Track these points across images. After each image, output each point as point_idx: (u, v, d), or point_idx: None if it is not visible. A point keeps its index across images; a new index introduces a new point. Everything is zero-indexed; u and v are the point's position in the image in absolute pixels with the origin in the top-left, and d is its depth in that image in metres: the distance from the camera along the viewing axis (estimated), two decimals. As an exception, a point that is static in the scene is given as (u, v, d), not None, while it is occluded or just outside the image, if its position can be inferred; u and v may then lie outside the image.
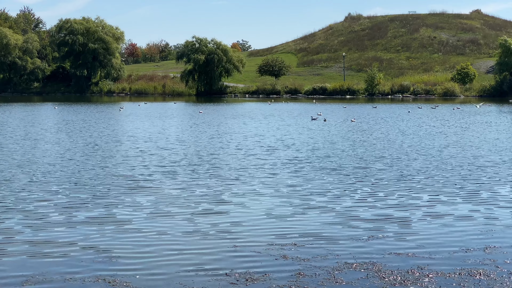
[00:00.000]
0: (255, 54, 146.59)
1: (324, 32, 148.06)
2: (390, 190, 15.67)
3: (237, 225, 12.11)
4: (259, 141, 27.87)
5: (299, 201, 14.23)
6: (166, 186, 16.17)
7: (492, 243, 10.75)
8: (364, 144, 26.77)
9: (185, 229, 11.77)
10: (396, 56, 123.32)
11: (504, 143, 27.01)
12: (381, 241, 10.94)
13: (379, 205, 13.85)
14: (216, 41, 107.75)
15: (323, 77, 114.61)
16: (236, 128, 35.40)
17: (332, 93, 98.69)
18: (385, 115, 47.82)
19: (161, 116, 47.61)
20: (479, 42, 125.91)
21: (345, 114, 49.48)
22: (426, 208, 13.52)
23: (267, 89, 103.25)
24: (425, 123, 39.03)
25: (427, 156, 22.31)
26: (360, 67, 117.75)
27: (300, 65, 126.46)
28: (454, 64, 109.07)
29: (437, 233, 11.45)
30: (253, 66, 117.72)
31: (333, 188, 15.86)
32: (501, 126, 36.71)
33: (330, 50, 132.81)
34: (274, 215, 12.89)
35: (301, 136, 30.83)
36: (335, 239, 11.03)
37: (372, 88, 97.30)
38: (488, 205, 13.88)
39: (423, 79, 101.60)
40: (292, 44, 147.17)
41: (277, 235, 11.31)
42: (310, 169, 19.17)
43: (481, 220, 12.45)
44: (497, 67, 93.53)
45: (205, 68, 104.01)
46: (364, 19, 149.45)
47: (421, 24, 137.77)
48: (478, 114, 48.62)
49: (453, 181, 16.88)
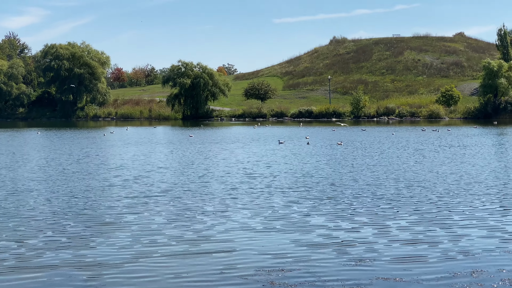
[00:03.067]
0: (241, 78, 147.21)
1: (309, 55, 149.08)
2: (378, 215, 15.64)
3: (224, 251, 12.02)
4: (246, 167, 27.76)
5: (286, 227, 14.16)
6: (152, 212, 16.05)
7: (478, 267, 10.74)
8: (350, 167, 26.77)
9: (171, 255, 11.66)
10: (381, 79, 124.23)
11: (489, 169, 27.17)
12: (369, 266, 10.89)
13: (366, 230, 13.81)
14: (202, 65, 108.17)
15: (309, 100, 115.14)
16: (222, 154, 35.32)
17: (318, 116, 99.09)
18: (374, 138, 47.97)
19: (148, 142, 47.45)
20: (462, 64, 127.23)
21: (334, 137, 49.58)
22: (412, 232, 13.49)
23: (253, 113, 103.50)
24: (413, 146, 39.21)
25: (412, 180, 22.36)
26: (345, 90, 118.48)
27: (286, 88, 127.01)
28: (438, 87, 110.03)
29: (425, 257, 11.42)
30: (239, 90, 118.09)
31: (321, 214, 15.80)
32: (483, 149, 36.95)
33: (315, 73, 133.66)
34: (261, 241, 12.82)
35: (286, 160, 30.78)
36: (322, 265, 10.97)
37: (358, 111, 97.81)
38: (470, 228, 13.89)
39: (408, 101, 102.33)
40: (278, 67, 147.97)
41: (264, 261, 11.23)
42: (297, 195, 19.11)
43: (465, 244, 12.44)
44: (481, 89, 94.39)
45: (191, 92, 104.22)
46: (349, 42, 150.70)
47: (405, 47, 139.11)
48: (469, 136, 48.95)
49: (433, 204, 16.91)
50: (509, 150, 35.30)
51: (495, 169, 25.62)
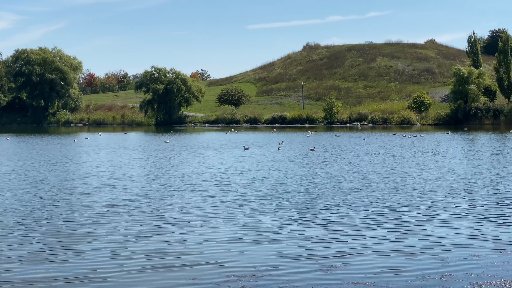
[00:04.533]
0: (214, 84, 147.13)
1: (283, 62, 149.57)
2: (349, 221, 15.73)
3: (195, 257, 11.98)
4: (217, 175, 27.69)
5: (256, 232, 14.17)
6: (120, 223, 15.87)
7: (448, 271, 10.85)
8: (322, 174, 26.87)
9: (142, 263, 11.60)
10: (354, 85, 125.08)
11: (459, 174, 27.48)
12: (340, 271, 10.94)
13: (336, 237, 13.87)
14: (175, 71, 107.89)
15: (282, 106, 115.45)
16: (194, 161, 35.20)
17: (291, 122, 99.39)
18: (346, 143, 48.23)
19: (119, 148, 47.09)
20: (434, 71, 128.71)
21: (307, 143, 49.75)
22: (382, 238, 13.60)
23: (227, 118, 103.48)
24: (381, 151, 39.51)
25: (384, 186, 22.53)
26: (318, 96, 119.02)
27: (259, 94, 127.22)
28: (410, 93, 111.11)
29: (396, 262, 11.52)
30: (212, 96, 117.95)
31: (292, 221, 15.82)
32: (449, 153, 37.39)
33: (289, 79, 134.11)
34: (232, 247, 12.80)
35: (256, 167, 30.75)
36: (293, 271, 10.99)
37: (331, 117, 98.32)
38: (440, 233, 14.04)
39: (381, 107, 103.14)
40: (251, 73, 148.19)
41: (235, 267, 11.23)
42: (267, 203, 19.10)
43: (435, 248, 12.56)
44: (452, 96, 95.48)
45: (164, 97, 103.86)
46: (322, 49, 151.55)
47: (378, 54, 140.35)
48: (441, 142, 49.48)
49: (404, 209, 17.06)
50: (480, 156, 35.74)
51: (466, 174, 25.94)
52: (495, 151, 39.07)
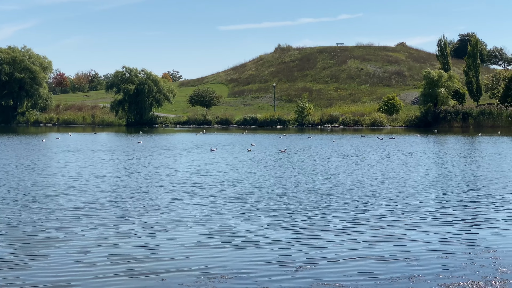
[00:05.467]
0: (186, 84, 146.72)
1: (254, 63, 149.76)
2: (318, 222, 15.75)
3: (164, 260, 11.86)
4: (186, 176, 27.56)
5: (226, 235, 14.10)
6: (89, 223, 15.69)
7: (416, 273, 10.92)
8: (292, 175, 26.91)
9: (112, 264, 11.46)
10: (325, 87, 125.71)
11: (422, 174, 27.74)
12: (309, 272, 10.94)
13: (306, 238, 13.88)
14: (146, 71, 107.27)
15: (254, 107, 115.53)
16: (163, 162, 34.99)
17: (263, 124, 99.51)
18: (317, 145, 48.40)
19: (88, 149, 46.61)
20: (404, 74, 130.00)
21: (278, 144, 49.81)
22: (352, 238, 13.64)
23: (198, 120, 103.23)
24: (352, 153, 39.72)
25: (353, 186, 22.63)
26: (290, 97, 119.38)
27: (231, 96, 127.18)
28: (381, 95, 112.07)
29: (364, 262, 11.56)
30: (184, 97, 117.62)
31: (261, 223, 15.79)
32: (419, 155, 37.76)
33: (260, 80, 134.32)
34: (201, 250, 12.71)
35: (226, 169, 30.67)
36: (264, 273, 10.97)
37: (302, 119, 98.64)
38: (409, 234, 14.13)
39: (352, 109, 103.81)
40: (223, 74, 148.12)
41: (205, 269, 11.16)
42: (237, 204, 19.05)
43: (404, 249, 12.64)
44: (422, 98, 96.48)
45: (135, 98, 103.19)
46: (293, 51, 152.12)
47: (349, 56, 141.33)
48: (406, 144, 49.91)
49: (374, 209, 17.16)
50: (450, 158, 36.14)
51: (436, 177, 26.19)
52: (465, 154, 39.55)
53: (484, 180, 24.70)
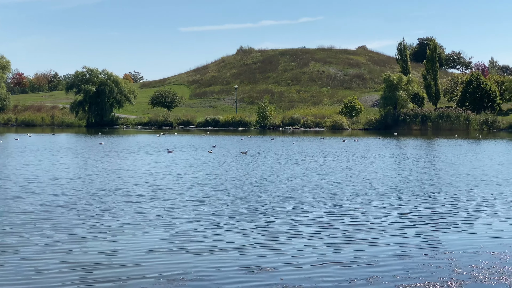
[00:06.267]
0: (147, 86, 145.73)
1: (216, 65, 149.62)
2: (277, 223, 15.77)
3: (122, 264, 11.67)
4: (144, 179, 27.33)
5: (186, 238, 13.98)
6: (45, 228, 15.39)
7: (374, 274, 11.02)
8: (252, 176, 26.92)
9: (66, 271, 11.24)
10: (286, 89, 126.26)
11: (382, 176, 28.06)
12: (269, 273, 10.94)
13: (265, 239, 13.89)
14: (107, 72, 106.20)
15: (215, 109, 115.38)
16: (120, 164, 34.62)
17: (224, 125, 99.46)
18: (278, 147, 48.53)
19: (44, 150, 45.84)
20: (364, 77, 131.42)
21: (240, 146, 49.79)
22: (312, 240, 13.69)
23: (160, 121, 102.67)
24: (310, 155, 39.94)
25: (314, 188, 22.74)
26: (252, 99, 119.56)
27: (192, 97, 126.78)
28: (341, 98, 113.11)
29: (323, 264, 11.61)
30: (145, 98, 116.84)
31: (221, 226, 15.73)
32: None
33: (222, 82, 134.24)
34: (161, 253, 12.59)
35: (186, 170, 30.52)
36: (223, 275, 10.93)
37: (264, 120, 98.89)
38: (368, 236, 14.27)
39: (313, 111, 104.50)
40: (185, 76, 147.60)
41: (164, 273, 11.05)
42: (197, 207, 18.98)
43: (363, 251, 12.75)
44: (382, 101, 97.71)
45: (96, 99, 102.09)
46: (255, 53, 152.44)
47: (310, 59, 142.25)
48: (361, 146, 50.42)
49: (333, 211, 17.27)
50: (410, 161, 36.61)
51: (396, 179, 26.49)
52: (424, 156, 40.13)
53: (442, 183, 25.09)
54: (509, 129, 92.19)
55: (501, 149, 48.98)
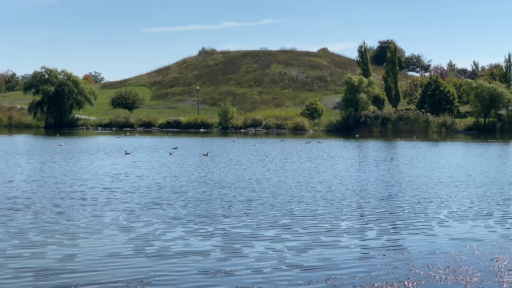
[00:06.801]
0: (108, 86, 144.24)
1: (178, 66, 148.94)
2: (236, 226, 15.74)
3: (78, 270, 11.43)
4: (103, 181, 26.99)
5: (146, 242, 13.84)
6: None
7: (333, 274, 11.06)
8: (212, 179, 26.84)
9: (19, 277, 10.99)
10: (249, 91, 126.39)
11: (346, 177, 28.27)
12: (229, 276, 10.91)
13: (223, 242, 13.84)
14: (66, 73, 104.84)
15: (177, 110, 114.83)
16: (78, 166, 34.17)
17: (186, 127, 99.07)
18: (240, 148, 48.50)
19: (4, 151, 45.00)
20: (326, 79, 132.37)
21: (201, 147, 49.60)
22: (271, 242, 13.69)
23: (121, 122, 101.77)
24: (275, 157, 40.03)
25: (273, 190, 22.78)
26: (214, 101, 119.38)
27: (154, 98, 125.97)
28: (303, 100, 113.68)
29: (283, 265, 11.61)
30: (106, 99, 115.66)
31: (183, 228, 15.64)
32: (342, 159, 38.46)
33: (184, 83, 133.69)
34: (118, 255, 12.44)
35: (148, 172, 30.29)
36: (182, 277, 10.86)
37: (226, 122, 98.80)
38: (326, 237, 14.33)
39: (275, 113, 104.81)
40: (146, 77, 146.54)
41: (123, 275, 10.93)
42: (157, 209, 18.81)
43: (322, 252, 12.79)
44: (343, 103, 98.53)
45: (55, 99, 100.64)
46: (217, 54, 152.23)
47: (272, 61, 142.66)
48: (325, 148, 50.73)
49: (292, 213, 17.32)
50: (370, 162, 36.96)
51: (357, 181, 26.70)
52: (385, 158, 40.57)
53: (402, 184, 25.39)
54: (466, 131, 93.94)
55: (458, 151, 49.83)
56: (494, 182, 26.26)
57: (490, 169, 32.53)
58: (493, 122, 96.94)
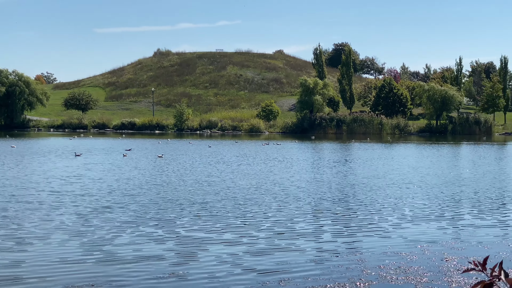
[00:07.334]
0: (61, 87, 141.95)
1: (133, 67, 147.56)
2: (186, 228, 15.64)
3: (27, 274, 11.20)
4: (56, 183, 26.50)
5: (97, 247, 13.58)
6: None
7: (286, 277, 11.05)
8: (167, 180, 26.63)
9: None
10: (204, 93, 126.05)
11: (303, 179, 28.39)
12: (180, 278, 10.80)
13: (174, 245, 13.72)
14: (18, 73, 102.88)
15: (132, 111, 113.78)
16: (27, 168, 33.50)
17: (141, 128, 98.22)
18: (195, 150, 48.28)
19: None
20: (282, 81, 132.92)
21: (157, 150, 49.19)
22: (224, 244, 13.63)
23: (74, 123, 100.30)
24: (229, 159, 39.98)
25: (226, 191, 22.72)
26: (169, 102, 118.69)
27: (108, 99, 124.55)
28: (259, 102, 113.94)
29: (238, 271, 11.56)
30: (58, 100, 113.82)
31: (135, 232, 15.45)
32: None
33: (139, 85, 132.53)
34: (68, 261, 12.18)
35: (100, 175, 29.86)
36: (132, 280, 10.71)
37: (181, 124, 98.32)
38: (282, 241, 14.33)
39: (231, 115, 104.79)
40: (100, 78, 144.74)
41: (72, 282, 10.71)
42: (110, 213, 18.55)
43: (276, 254, 12.77)
44: (298, 105, 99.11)
45: (5, 100, 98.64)
46: (173, 55, 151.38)
47: (228, 62, 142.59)
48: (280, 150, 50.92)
49: (243, 214, 17.29)
50: (324, 164, 37.20)
51: (312, 183, 26.82)
52: (339, 160, 40.93)
53: (355, 186, 25.62)
54: (419, 133, 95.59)
55: (411, 152, 50.62)
56: (446, 183, 26.73)
57: (442, 170, 33.11)
58: (444, 124, 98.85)
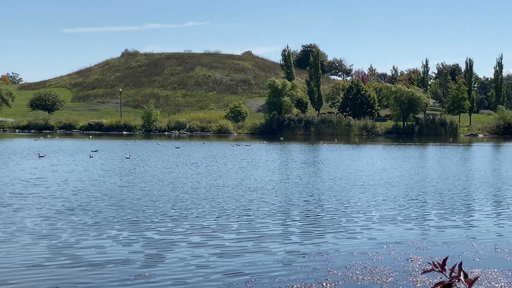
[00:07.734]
0: (26, 88, 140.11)
1: (100, 67, 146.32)
2: (155, 229, 15.56)
3: (6, 274, 11.07)
4: (20, 185, 26.15)
5: (59, 250, 13.44)
6: None
7: (253, 278, 11.07)
8: (133, 181, 26.46)
9: None
10: (172, 93, 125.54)
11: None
12: (147, 279, 10.74)
13: (145, 245, 13.65)
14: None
15: (99, 112, 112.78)
16: (1, 166, 33.00)
17: (108, 129, 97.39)
18: (163, 151, 48.04)
19: None
20: (250, 82, 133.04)
21: (125, 150, 48.81)
22: (194, 247, 13.60)
23: (40, 124, 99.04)
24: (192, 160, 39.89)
25: (194, 192, 22.66)
26: (137, 103, 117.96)
27: (75, 100, 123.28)
28: (227, 103, 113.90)
29: (207, 273, 11.54)
30: (24, 100, 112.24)
31: (99, 235, 15.31)
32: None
33: (106, 85, 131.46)
34: (33, 265, 12.04)
35: (65, 176, 29.52)
36: (103, 282, 10.63)
37: (149, 125, 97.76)
38: (249, 241, 14.35)
39: (199, 116, 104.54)
40: (67, 78, 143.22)
41: (39, 280, 10.57)
42: (76, 215, 18.38)
43: (243, 255, 12.79)
44: (267, 106, 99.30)
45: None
46: (141, 56, 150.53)
47: (197, 63, 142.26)
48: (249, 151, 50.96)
49: (212, 217, 17.28)
50: (293, 165, 37.33)
51: (279, 185, 26.88)
52: (308, 161, 41.10)
53: (323, 187, 25.76)
54: (386, 134, 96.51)
55: (379, 153, 51.08)
56: (413, 184, 27.02)
57: (409, 171, 33.46)
58: (411, 125, 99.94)
